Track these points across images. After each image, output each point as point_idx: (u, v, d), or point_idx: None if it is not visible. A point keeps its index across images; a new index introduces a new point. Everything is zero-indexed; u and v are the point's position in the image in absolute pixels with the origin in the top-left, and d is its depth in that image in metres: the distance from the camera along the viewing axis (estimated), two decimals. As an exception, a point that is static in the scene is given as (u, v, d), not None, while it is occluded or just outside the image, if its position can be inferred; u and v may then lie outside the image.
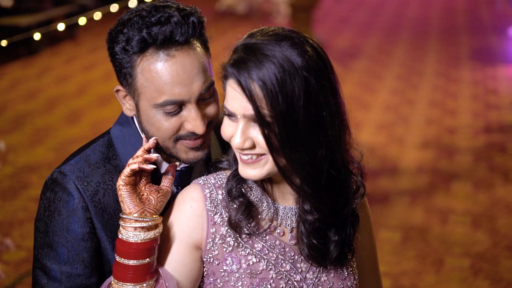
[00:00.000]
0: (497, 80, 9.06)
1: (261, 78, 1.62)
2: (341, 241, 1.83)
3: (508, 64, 9.65)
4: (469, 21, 13.09)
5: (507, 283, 4.50)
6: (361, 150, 1.84)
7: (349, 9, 14.43)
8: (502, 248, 4.91)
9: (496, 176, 6.10)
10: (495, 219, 5.33)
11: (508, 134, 7.08)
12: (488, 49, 10.72)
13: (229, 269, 1.80)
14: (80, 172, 1.95)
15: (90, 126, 7.44)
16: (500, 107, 7.97)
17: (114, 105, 8.06)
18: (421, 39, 11.68)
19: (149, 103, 1.88)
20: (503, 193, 5.77)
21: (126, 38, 1.84)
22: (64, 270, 1.93)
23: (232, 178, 1.84)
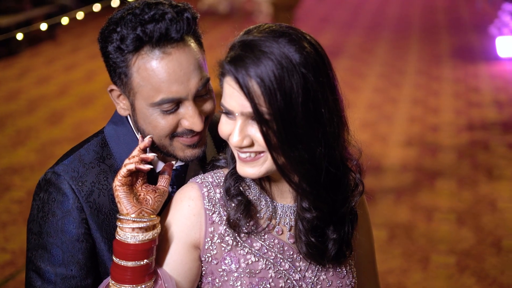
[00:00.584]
0: (478, 78, 9.11)
1: (259, 75, 1.60)
2: (340, 239, 1.82)
3: (489, 62, 9.71)
4: (449, 19, 13.15)
5: (493, 280, 4.52)
6: (359, 147, 1.83)
7: (331, 8, 14.45)
8: (487, 245, 4.93)
9: (480, 174, 6.13)
10: (479, 216, 5.35)
11: (490, 132, 7.11)
12: (469, 47, 10.78)
13: (228, 269, 1.78)
14: (75, 172, 1.91)
15: (72, 127, 7.38)
16: (482, 105, 8.01)
17: (96, 106, 8.01)
18: (402, 37, 11.72)
19: (145, 102, 1.85)
20: (487, 190, 5.79)
21: (120, 37, 1.81)
22: (59, 272, 1.89)
23: (230, 176, 1.82)
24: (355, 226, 1.88)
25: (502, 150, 6.62)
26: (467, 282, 4.51)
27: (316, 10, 14.03)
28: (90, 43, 11.05)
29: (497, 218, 5.32)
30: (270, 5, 10.08)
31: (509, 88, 8.57)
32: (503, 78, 9.02)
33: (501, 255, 4.80)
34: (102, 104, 8.06)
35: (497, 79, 8.99)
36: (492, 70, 9.36)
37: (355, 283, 1.91)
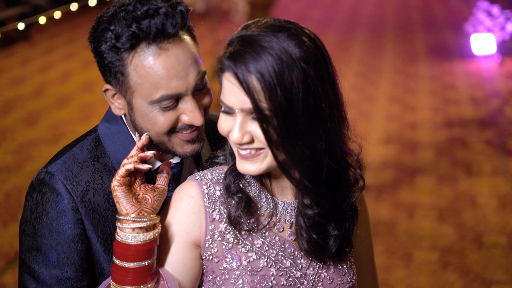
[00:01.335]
0: (454, 75, 9.17)
1: (258, 71, 1.57)
2: (341, 236, 1.80)
3: (464, 59, 9.77)
4: (423, 18, 13.23)
5: (476, 275, 4.54)
6: (359, 143, 1.81)
7: (306, 7, 14.47)
8: (469, 241, 4.96)
9: (459, 170, 6.16)
10: (460, 212, 5.38)
11: (468, 129, 7.16)
12: (444, 45, 10.84)
13: (229, 267, 1.76)
14: (69, 172, 1.87)
15: (49, 128, 7.30)
16: (458, 102, 8.06)
17: (72, 106, 7.94)
18: (377, 36, 11.76)
19: (144, 100, 1.81)
20: (467, 187, 5.83)
21: (114, 35, 1.77)
22: (54, 274, 1.85)
23: (230, 173, 1.79)
24: (355, 222, 1.86)
25: (480, 147, 6.66)
26: (450, 278, 4.53)
27: (292, 9, 14.03)
28: (64, 44, 10.95)
29: (477, 214, 5.36)
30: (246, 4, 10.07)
31: (484, 85, 8.63)
32: (478, 75, 9.09)
33: (483, 251, 4.83)
34: (79, 105, 7.99)
35: (472, 76, 9.05)
36: (467, 67, 9.42)
37: (356, 280, 1.90)
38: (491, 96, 8.19)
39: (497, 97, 8.14)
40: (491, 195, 5.67)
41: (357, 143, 1.81)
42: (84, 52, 10.36)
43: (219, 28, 8.62)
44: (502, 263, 4.68)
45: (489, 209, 5.43)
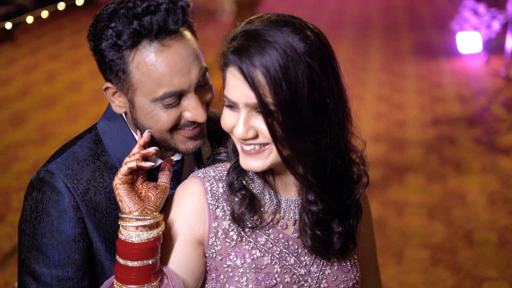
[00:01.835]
0: (440, 73, 9.19)
1: (264, 65, 1.56)
2: (345, 232, 1.79)
3: (450, 57, 9.80)
4: (408, 17, 13.26)
5: (467, 272, 4.55)
6: (363, 139, 1.80)
7: (292, 6, 14.47)
8: (459, 238, 4.97)
9: (448, 168, 6.18)
10: (450, 210, 5.39)
11: (455, 126, 7.18)
12: (430, 43, 10.87)
13: (233, 264, 1.74)
14: (69, 170, 1.85)
15: (35, 129, 7.24)
16: (445, 100, 8.08)
17: (59, 107, 7.88)
18: (363, 35, 11.78)
19: (146, 98, 1.79)
20: (456, 184, 5.84)
21: (115, 32, 1.74)
22: (55, 274, 1.83)
23: (233, 170, 1.77)
24: (359, 219, 1.85)
25: (468, 144, 6.68)
26: (441, 275, 4.53)
27: (277, 8, 14.01)
28: (50, 44, 10.88)
29: (467, 211, 5.37)
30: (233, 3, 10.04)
31: (471, 83, 8.67)
32: (465, 73, 9.12)
33: (474, 248, 4.84)
34: (66, 105, 7.93)
35: (459, 74, 9.08)
36: (454, 65, 9.45)
37: (359, 276, 1.89)
38: (477, 94, 8.22)
39: (483, 95, 8.18)
40: (480, 192, 5.69)
41: (360, 139, 1.80)
42: (69, 53, 10.31)
43: (206, 28, 8.58)
44: (493, 260, 4.69)
45: (479, 206, 5.44)
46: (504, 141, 6.72)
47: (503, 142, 6.68)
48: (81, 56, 10.10)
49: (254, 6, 10.34)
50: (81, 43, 10.68)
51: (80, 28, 11.63)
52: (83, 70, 9.38)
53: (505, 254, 4.76)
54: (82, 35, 12.02)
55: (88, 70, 9.35)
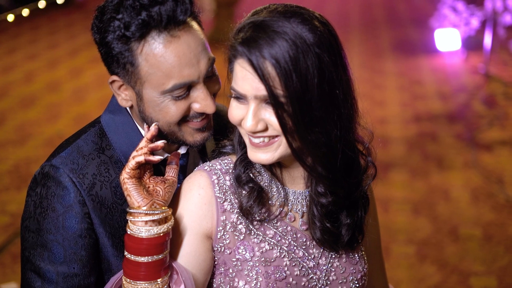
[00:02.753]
0: (420, 71, 9.22)
1: (273, 56, 1.54)
2: (353, 224, 1.78)
3: (429, 55, 9.83)
4: (387, 14, 13.30)
5: (453, 267, 4.57)
6: (371, 130, 1.79)
7: (269, 4, 14.46)
8: (444, 234, 4.98)
9: (431, 164, 6.20)
10: (434, 206, 5.41)
11: (437, 123, 7.21)
12: (409, 41, 10.91)
13: (242, 258, 1.72)
14: (74, 164, 1.81)
15: (15, 129, 7.15)
16: (426, 97, 8.11)
17: (38, 107, 7.79)
18: (342, 33, 11.77)
19: (155, 90, 1.76)
20: (439, 180, 5.86)
21: (123, 24, 1.71)
22: (61, 271, 1.79)
23: (240, 163, 1.75)
24: (367, 210, 1.84)
25: (450, 141, 6.71)
26: (428, 271, 4.54)
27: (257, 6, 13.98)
28: (27, 44, 10.75)
29: (451, 207, 5.39)
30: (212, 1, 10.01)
31: (450, 81, 8.71)
32: (444, 70, 9.16)
33: (459, 243, 4.86)
34: (45, 105, 7.85)
35: (438, 71, 9.11)
36: (433, 63, 9.49)
37: (367, 268, 1.88)
38: (457, 91, 8.26)
39: (463, 92, 8.22)
40: (463, 188, 5.72)
41: (368, 130, 1.79)
42: (47, 52, 10.20)
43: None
44: (479, 254, 4.72)
45: (463, 202, 5.47)
46: (485, 137, 6.76)
47: (485, 138, 6.72)
48: (59, 55, 10.00)
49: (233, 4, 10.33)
50: (58, 43, 10.59)
51: (57, 28, 11.52)
52: (62, 70, 9.29)
53: (490, 248, 4.79)
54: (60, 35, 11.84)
55: (67, 69, 9.26)
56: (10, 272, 4.56)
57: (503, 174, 5.94)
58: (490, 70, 8.76)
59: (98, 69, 9.27)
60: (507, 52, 9.18)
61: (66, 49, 10.32)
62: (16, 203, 5.42)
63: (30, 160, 6.25)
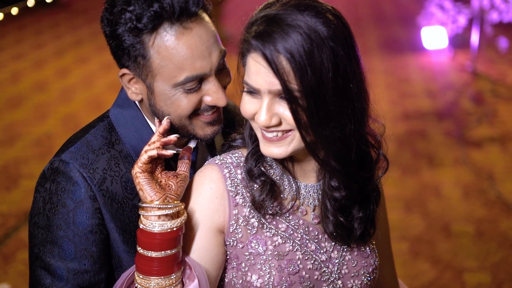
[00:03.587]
0: (407, 69, 9.24)
1: (288, 50, 1.53)
2: (365, 218, 1.78)
3: (416, 53, 9.85)
4: (373, 13, 13.33)
5: (447, 263, 4.58)
6: (383, 123, 1.78)
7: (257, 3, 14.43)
8: (437, 231, 5.00)
9: (421, 161, 6.21)
10: (426, 203, 5.42)
11: (426, 120, 7.22)
12: (395, 39, 10.93)
13: (255, 252, 1.71)
14: (84, 159, 1.79)
15: (2, 129, 7.10)
16: (414, 95, 8.13)
17: (25, 107, 7.73)
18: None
19: (167, 83, 1.74)
20: (430, 177, 5.87)
21: (135, 16, 1.69)
22: (71, 267, 1.77)
23: (251, 156, 1.74)
24: (379, 204, 1.84)
25: (439, 138, 6.73)
26: (422, 268, 4.55)
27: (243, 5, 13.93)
28: (12, 44, 10.66)
29: (443, 203, 5.41)
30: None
31: (438, 78, 8.73)
32: (431, 68, 9.19)
33: (452, 240, 4.87)
34: (32, 105, 7.79)
35: (425, 70, 9.14)
36: (420, 61, 9.51)
37: (378, 262, 1.87)
38: (445, 88, 8.28)
39: (451, 89, 8.24)
40: (454, 185, 5.73)
41: (380, 123, 1.78)
42: (33, 52, 10.12)
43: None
44: (472, 250, 4.73)
45: (454, 199, 5.49)
46: (474, 134, 6.79)
47: (474, 136, 6.75)
48: (46, 55, 9.93)
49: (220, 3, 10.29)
50: (45, 43, 10.51)
51: (42, 28, 11.43)
52: (49, 69, 9.23)
53: (483, 244, 4.80)
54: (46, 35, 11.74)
55: (53, 69, 9.20)
56: (2, 272, 4.52)
57: (493, 171, 5.96)
58: (477, 68, 8.80)
59: (85, 69, 9.23)
60: (494, 49, 9.22)
61: (52, 49, 10.24)
62: (5, 203, 5.37)
63: (19, 161, 6.20)
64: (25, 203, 5.21)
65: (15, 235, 4.91)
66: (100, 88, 8.41)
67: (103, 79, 8.72)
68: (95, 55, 9.80)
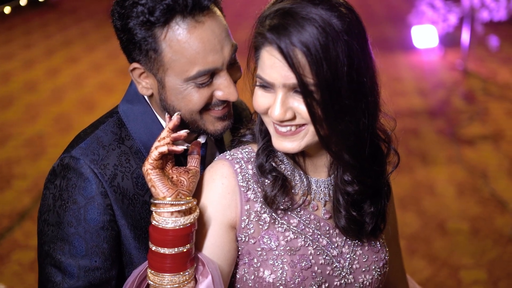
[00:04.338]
0: (398, 67, 9.26)
1: (304, 44, 1.51)
2: (377, 213, 1.77)
3: (406, 51, 9.88)
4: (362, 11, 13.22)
5: (443, 261, 4.59)
6: (394, 117, 1.78)
7: (246, 3, 14.42)
8: (432, 228, 5.00)
9: (414, 159, 6.22)
10: (420, 201, 5.43)
11: (418, 119, 7.24)
12: (385, 38, 10.94)
13: (267, 247, 1.70)
14: (95, 155, 1.77)
15: (-7, 130, 7.05)
16: (406, 94, 8.14)
17: (16, 107, 7.69)
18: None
19: (179, 77, 1.73)
20: (423, 175, 5.88)
21: (147, 9, 1.67)
22: (82, 264, 1.75)
23: (262, 152, 1.73)
24: (389, 198, 1.83)
25: (432, 136, 6.74)
26: (418, 265, 4.55)
27: (232, 5, 13.96)
28: (1, 44, 10.60)
29: (437, 201, 5.42)
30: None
31: (429, 77, 8.76)
32: (422, 67, 9.21)
33: (447, 237, 4.88)
34: (23, 105, 7.74)
35: (416, 68, 9.16)
36: (410, 60, 9.53)
37: (388, 256, 1.87)
38: (436, 87, 8.31)
39: (442, 88, 8.27)
40: (448, 182, 5.75)
41: (390, 117, 1.77)
42: (23, 52, 10.07)
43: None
44: (467, 248, 4.74)
45: (448, 197, 5.50)
46: (466, 132, 6.81)
47: (466, 133, 6.77)
48: (36, 55, 9.88)
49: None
50: (34, 43, 10.46)
51: (31, 28, 11.38)
52: (39, 69, 9.18)
53: (478, 242, 4.81)
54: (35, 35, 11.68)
55: (43, 69, 9.15)
56: (-4, 273, 4.49)
57: (487, 169, 5.98)
58: (468, 66, 8.82)
59: (75, 69, 9.19)
60: (485, 48, 9.25)
61: (42, 49, 10.19)
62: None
63: (11, 161, 6.15)
64: (18, 203, 5.18)
65: (9, 235, 4.88)
66: (91, 88, 8.38)
67: (93, 79, 8.69)
68: (84, 55, 9.76)
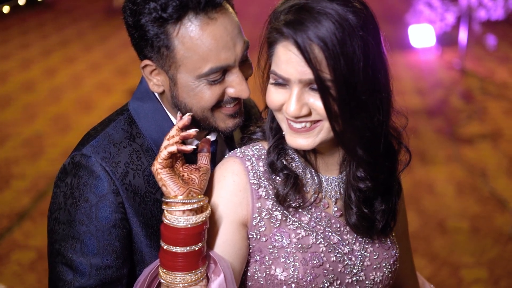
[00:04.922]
0: (395, 67, 9.24)
1: (321, 38, 1.50)
2: (388, 210, 1.76)
3: (403, 50, 9.87)
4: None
5: (443, 260, 4.59)
6: (406, 114, 1.77)
7: (243, 3, 14.42)
8: (432, 227, 5.00)
9: (413, 159, 6.12)
10: (420, 200, 5.43)
11: (416, 118, 7.24)
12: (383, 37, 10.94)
13: (279, 245, 1.69)
14: (106, 153, 1.76)
15: (-10, 130, 7.03)
16: (403, 93, 8.14)
17: (14, 107, 7.67)
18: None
19: (191, 75, 1.72)
20: (423, 174, 5.89)
21: (160, 6, 1.66)
22: (94, 263, 1.74)
23: (273, 149, 1.72)
24: (400, 196, 1.83)
25: (430, 136, 6.74)
26: (418, 264, 4.54)
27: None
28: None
29: (437, 200, 5.42)
30: None
31: (426, 76, 8.76)
32: (419, 67, 9.21)
33: (447, 236, 4.88)
34: (21, 105, 7.72)
35: (413, 68, 9.16)
36: (408, 59, 9.53)
37: (398, 253, 1.86)
38: (434, 86, 8.32)
39: (440, 87, 8.27)
40: (447, 181, 5.75)
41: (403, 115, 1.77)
42: (20, 52, 10.04)
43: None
44: (467, 246, 4.74)
45: (448, 196, 5.50)
46: (465, 131, 6.81)
47: (465, 133, 6.78)
48: (32, 55, 9.85)
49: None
50: (31, 43, 10.42)
51: (28, 28, 11.34)
52: (36, 69, 9.15)
53: (478, 240, 4.82)
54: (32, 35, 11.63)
55: (41, 69, 9.12)
56: (-4, 273, 4.48)
57: (486, 168, 5.99)
58: (465, 66, 8.83)
59: (72, 69, 9.16)
60: (482, 47, 9.27)
61: (39, 49, 10.16)
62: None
63: (9, 161, 6.13)
64: (17, 203, 5.17)
65: (9, 236, 4.86)
66: (88, 88, 8.36)
67: (91, 79, 8.67)
68: (82, 55, 9.73)
